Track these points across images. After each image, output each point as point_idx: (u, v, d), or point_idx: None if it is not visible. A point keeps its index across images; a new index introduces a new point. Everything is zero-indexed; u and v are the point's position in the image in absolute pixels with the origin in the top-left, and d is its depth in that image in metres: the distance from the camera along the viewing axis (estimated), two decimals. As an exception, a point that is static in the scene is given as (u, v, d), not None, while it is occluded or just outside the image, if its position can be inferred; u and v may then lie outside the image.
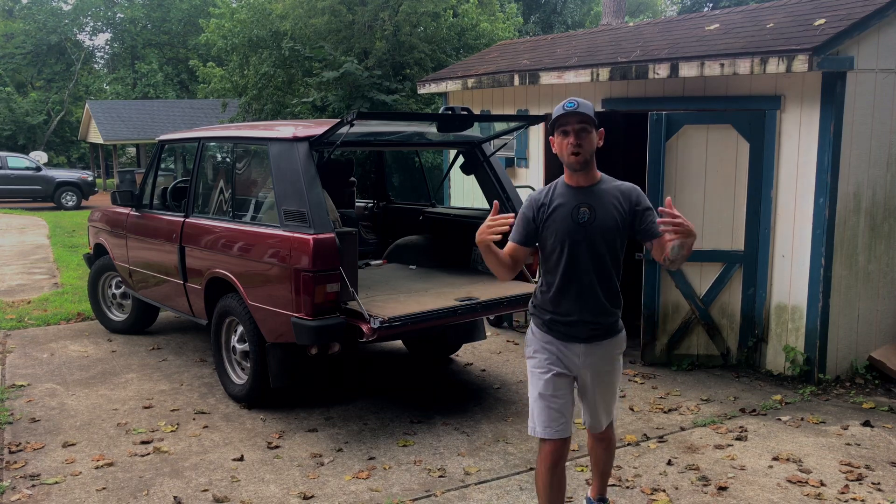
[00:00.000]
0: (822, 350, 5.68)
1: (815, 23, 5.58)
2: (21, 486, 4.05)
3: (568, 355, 3.15)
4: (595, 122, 2.94)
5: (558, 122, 2.94)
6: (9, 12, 42.53)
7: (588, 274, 3.04)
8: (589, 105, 2.96)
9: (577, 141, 2.91)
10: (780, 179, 5.81)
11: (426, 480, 4.13)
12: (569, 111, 2.92)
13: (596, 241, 3.02)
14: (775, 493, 3.98)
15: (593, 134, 2.96)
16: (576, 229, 3.01)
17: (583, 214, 3.00)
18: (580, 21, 31.40)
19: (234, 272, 5.11)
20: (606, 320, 3.13)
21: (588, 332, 3.12)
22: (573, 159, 2.95)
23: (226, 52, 19.91)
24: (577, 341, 3.13)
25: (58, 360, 6.34)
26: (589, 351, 3.14)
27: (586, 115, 2.91)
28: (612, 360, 3.23)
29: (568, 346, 3.14)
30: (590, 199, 3.02)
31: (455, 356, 6.39)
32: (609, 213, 3.01)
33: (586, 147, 2.94)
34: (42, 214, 19.75)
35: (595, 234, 3.01)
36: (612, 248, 3.05)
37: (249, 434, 4.78)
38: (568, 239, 3.02)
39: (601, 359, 3.19)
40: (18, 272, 10.62)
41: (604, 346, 3.16)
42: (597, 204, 3.01)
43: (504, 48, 9.64)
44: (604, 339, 3.16)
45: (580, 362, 3.16)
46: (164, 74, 38.77)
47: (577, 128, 2.92)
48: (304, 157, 4.75)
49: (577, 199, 3.03)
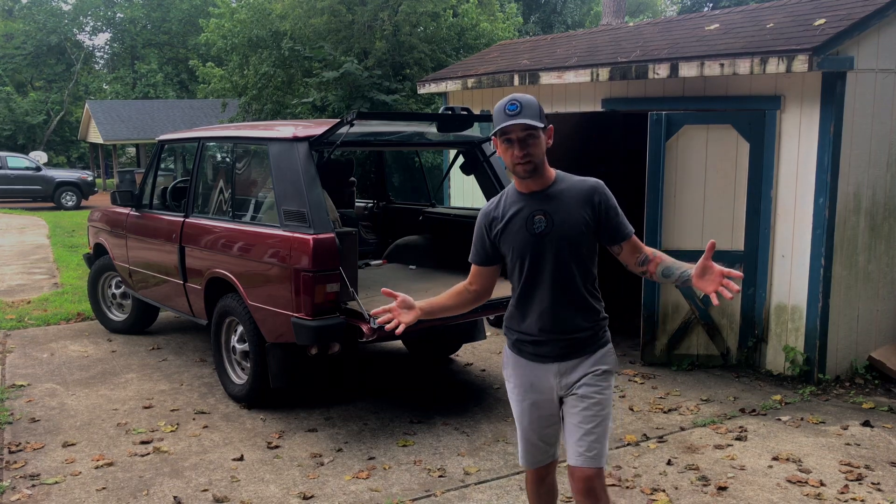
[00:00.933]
0: (822, 350, 5.68)
1: (815, 23, 5.59)
2: (21, 486, 4.05)
3: (541, 377, 2.76)
4: (541, 124, 2.58)
5: (500, 131, 2.58)
6: (9, 12, 42.53)
7: (553, 288, 2.67)
8: (533, 104, 2.57)
9: (523, 151, 2.57)
10: (780, 179, 5.81)
11: (426, 480, 4.13)
12: (510, 117, 2.54)
13: (558, 251, 2.65)
14: (775, 493, 3.98)
15: (541, 138, 2.59)
16: (533, 241, 2.65)
17: (538, 223, 2.65)
18: (580, 21, 31.41)
19: (233, 272, 5.11)
20: (580, 335, 2.72)
21: (559, 349, 2.72)
22: (520, 169, 2.60)
23: (226, 52, 19.91)
24: (549, 360, 2.74)
25: (58, 360, 6.34)
26: (564, 370, 2.73)
27: (529, 124, 2.54)
28: (594, 380, 2.72)
29: (540, 367, 2.76)
30: (545, 204, 2.65)
31: (455, 356, 6.39)
32: (570, 217, 2.64)
33: (535, 154, 2.58)
34: (42, 214, 19.75)
35: (555, 243, 2.64)
36: (578, 255, 2.67)
37: (249, 434, 4.78)
38: (527, 252, 2.67)
39: (581, 377, 2.72)
40: (18, 272, 10.62)
41: (584, 363, 2.73)
42: (553, 209, 2.64)
43: (504, 48, 9.64)
44: (581, 355, 2.73)
45: (556, 383, 2.75)
46: (164, 74, 38.79)
47: (521, 136, 2.56)
48: (304, 157, 4.75)
49: (531, 206, 2.67)
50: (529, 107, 2.56)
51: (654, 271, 2.74)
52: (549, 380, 2.75)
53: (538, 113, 2.58)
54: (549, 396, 2.77)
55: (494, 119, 2.61)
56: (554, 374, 2.74)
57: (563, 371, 2.74)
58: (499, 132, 2.59)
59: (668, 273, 2.72)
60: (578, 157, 7.74)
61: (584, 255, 2.69)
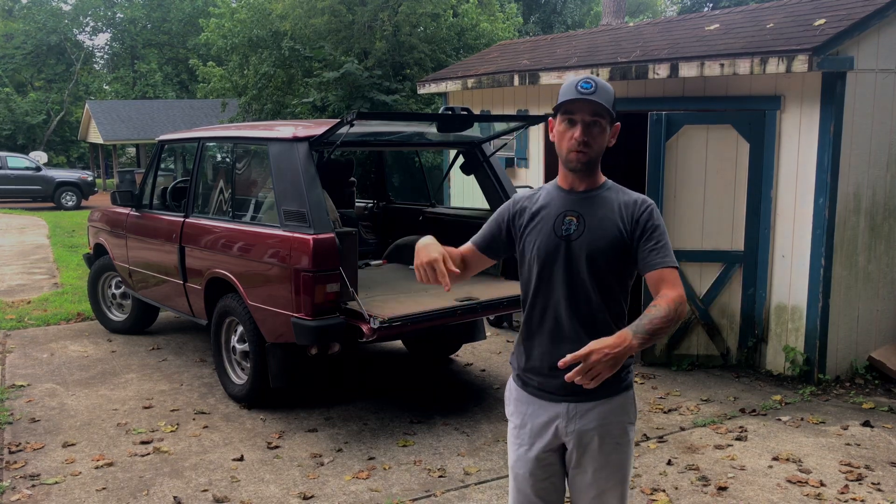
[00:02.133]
0: (822, 350, 5.68)
1: (815, 23, 5.59)
2: (21, 486, 4.05)
3: (547, 420, 2.31)
4: (612, 116, 2.26)
5: (565, 108, 2.23)
6: (9, 12, 42.53)
7: (566, 304, 2.26)
8: (609, 91, 2.25)
9: (585, 137, 2.21)
10: (780, 179, 5.81)
11: (426, 480, 4.13)
12: (583, 95, 2.19)
13: (577, 262, 2.25)
14: (775, 493, 3.98)
15: (607, 131, 2.27)
16: (555, 243, 2.26)
17: (567, 224, 2.27)
18: (580, 21, 31.41)
19: (233, 272, 5.11)
20: None
21: (570, 385, 2.09)
22: (574, 157, 2.24)
23: (226, 51, 19.92)
24: (557, 399, 2.28)
25: (58, 361, 6.34)
26: (575, 412, 2.27)
27: (602, 106, 2.20)
28: (610, 429, 2.28)
29: (546, 405, 2.31)
30: (582, 206, 2.28)
31: (455, 356, 6.39)
32: (603, 227, 2.24)
33: (594, 146, 2.24)
34: (42, 214, 19.75)
35: (578, 251, 2.24)
36: (598, 274, 2.24)
37: (249, 434, 4.78)
38: (544, 255, 2.28)
39: (596, 427, 2.27)
40: (18, 272, 10.62)
41: (599, 407, 2.27)
42: (589, 213, 2.27)
43: (504, 48, 9.64)
44: (597, 398, 2.26)
45: (563, 428, 2.28)
46: (164, 75, 38.80)
47: (588, 120, 2.21)
48: (304, 157, 4.76)
49: (566, 205, 2.30)
50: (605, 91, 2.23)
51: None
52: (558, 423, 2.30)
53: (612, 101, 2.25)
54: (554, 444, 2.32)
55: (562, 94, 2.24)
56: (562, 415, 2.29)
57: (572, 414, 2.28)
58: (563, 108, 2.23)
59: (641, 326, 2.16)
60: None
61: (606, 273, 2.26)
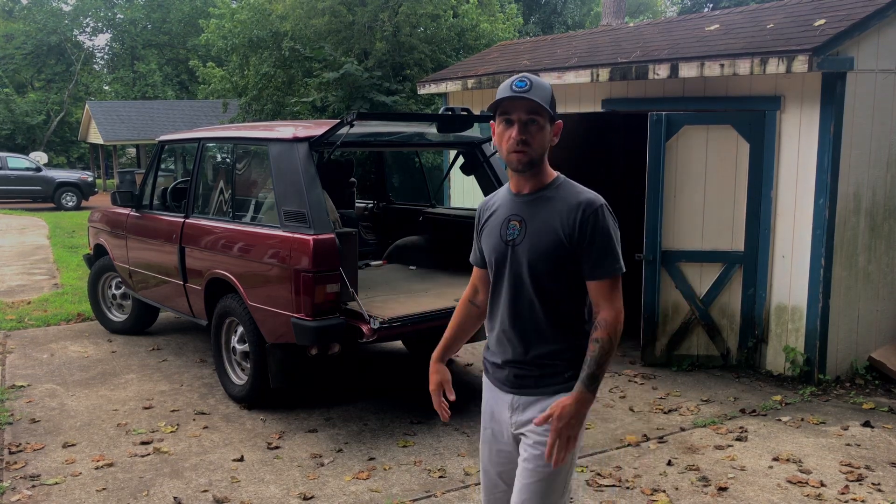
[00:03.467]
0: (822, 350, 5.68)
1: (815, 23, 5.59)
2: (21, 487, 4.05)
3: (500, 407, 2.40)
4: (550, 113, 2.19)
5: (501, 108, 2.19)
6: (9, 13, 42.55)
7: (509, 307, 2.31)
8: (545, 87, 2.20)
9: (522, 136, 2.17)
10: (780, 180, 5.81)
11: (426, 481, 4.13)
12: (517, 94, 2.15)
13: (520, 267, 2.25)
14: (775, 493, 3.98)
15: (545, 128, 2.20)
16: (502, 249, 2.29)
17: (511, 230, 2.27)
18: (580, 21, 31.42)
19: (234, 273, 5.11)
20: (534, 370, 2.30)
21: (512, 375, 2.32)
22: (514, 158, 2.20)
23: (226, 52, 19.94)
24: (506, 388, 2.36)
25: (58, 361, 6.34)
26: (517, 405, 2.34)
27: (537, 104, 2.15)
28: (543, 429, 2.27)
29: (499, 394, 2.39)
30: (525, 210, 2.27)
31: (455, 357, 6.39)
32: (544, 231, 2.22)
33: (534, 145, 2.19)
34: (42, 215, 19.75)
35: (521, 257, 2.25)
36: (539, 281, 2.24)
37: (249, 434, 4.78)
38: (493, 260, 2.33)
39: (531, 423, 2.29)
40: (18, 273, 10.62)
41: (538, 404, 2.30)
42: (532, 217, 2.25)
43: (504, 49, 9.64)
44: (536, 394, 2.31)
45: (509, 419, 2.37)
46: (164, 75, 38.81)
47: (524, 118, 2.17)
48: (304, 157, 4.76)
49: (511, 209, 2.30)
50: (541, 88, 2.18)
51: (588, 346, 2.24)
52: (505, 411, 2.37)
53: (549, 99, 2.19)
54: (506, 431, 2.39)
55: (497, 94, 2.21)
56: (508, 405, 2.36)
57: (515, 406, 2.35)
58: (499, 108, 2.20)
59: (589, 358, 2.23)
60: (578, 157, 7.74)
61: (552, 277, 2.24)
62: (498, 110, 2.21)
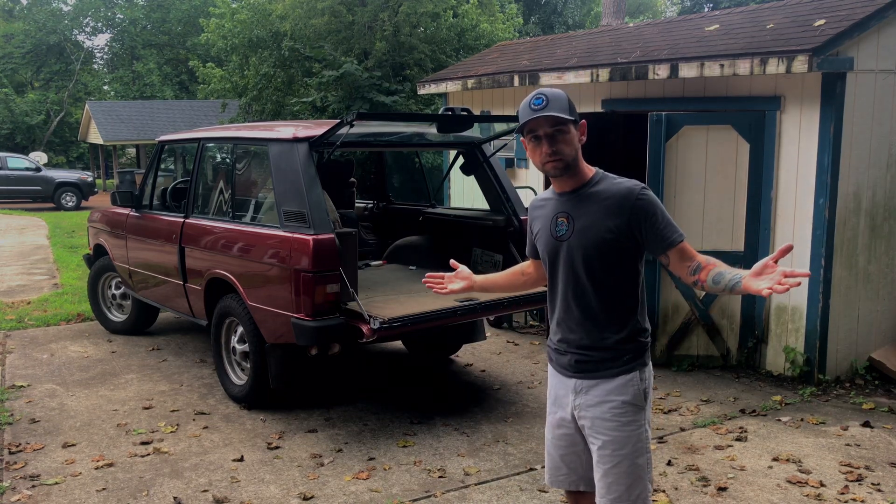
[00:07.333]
0: (822, 351, 5.68)
1: (815, 23, 5.59)
2: (21, 487, 4.05)
3: (564, 392, 2.57)
4: (572, 118, 2.38)
5: (527, 128, 2.39)
6: (9, 13, 42.55)
7: (565, 297, 2.50)
8: (561, 97, 2.39)
9: (552, 148, 2.38)
10: (780, 180, 5.81)
11: (426, 481, 4.13)
12: (536, 113, 2.35)
13: (572, 259, 2.45)
14: (775, 493, 3.98)
15: (571, 132, 2.39)
16: (554, 245, 2.49)
17: (560, 227, 2.47)
18: (580, 22, 31.43)
19: (233, 273, 5.11)
20: (595, 354, 2.47)
21: (574, 361, 2.50)
22: (550, 167, 2.41)
23: (226, 52, 19.95)
24: (568, 374, 2.54)
25: (58, 361, 6.34)
26: (580, 388, 2.50)
27: (559, 117, 2.35)
28: (609, 410, 2.45)
29: (563, 380, 2.57)
30: (571, 206, 2.46)
31: (455, 357, 6.39)
32: (593, 224, 2.40)
33: (566, 151, 2.39)
34: (42, 215, 19.75)
35: (574, 252, 2.43)
36: (594, 274, 2.43)
37: (249, 434, 4.78)
38: (546, 256, 2.54)
39: (596, 405, 2.47)
40: (18, 273, 10.62)
41: (600, 387, 2.47)
42: (578, 212, 2.44)
43: (504, 49, 9.64)
44: (597, 377, 2.47)
45: (572, 402, 2.53)
46: (164, 75, 38.80)
47: (549, 131, 2.37)
48: (303, 157, 4.76)
49: (557, 207, 2.50)
50: (557, 100, 2.37)
51: (704, 279, 2.39)
52: (569, 396, 2.54)
53: (567, 106, 2.38)
54: (570, 415, 2.55)
55: (520, 116, 2.41)
56: (570, 390, 2.53)
57: (578, 389, 2.51)
58: (525, 129, 2.39)
59: (718, 279, 2.34)
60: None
61: (605, 267, 2.42)
62: (524, 129, 2.41)
